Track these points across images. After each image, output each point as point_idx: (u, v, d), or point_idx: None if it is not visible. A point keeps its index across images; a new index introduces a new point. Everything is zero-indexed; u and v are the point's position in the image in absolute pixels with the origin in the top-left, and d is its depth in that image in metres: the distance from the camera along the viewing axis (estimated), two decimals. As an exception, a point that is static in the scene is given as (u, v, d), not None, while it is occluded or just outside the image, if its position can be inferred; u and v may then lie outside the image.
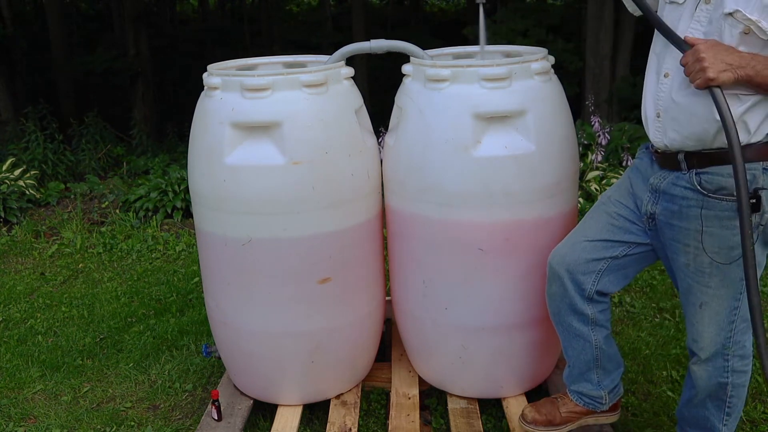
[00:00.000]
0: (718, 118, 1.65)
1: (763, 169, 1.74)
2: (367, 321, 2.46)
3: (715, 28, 1.69)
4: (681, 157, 1.81)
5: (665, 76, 1.80)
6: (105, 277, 4.08)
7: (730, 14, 1.64)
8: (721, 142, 1.72)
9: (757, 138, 1.73)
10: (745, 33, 1.64)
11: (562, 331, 2.14)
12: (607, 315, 2.11)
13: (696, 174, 1.79)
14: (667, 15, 1.82)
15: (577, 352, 2.14)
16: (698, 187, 1.79)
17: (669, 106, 1.79)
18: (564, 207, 2.27)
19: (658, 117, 1.83)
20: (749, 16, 1.62)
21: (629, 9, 2.00)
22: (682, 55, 1.68)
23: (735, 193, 1.70)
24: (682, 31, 1.74)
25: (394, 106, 2.35)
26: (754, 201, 1.71)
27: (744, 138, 1.70)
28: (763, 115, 1.72)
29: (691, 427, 2.07)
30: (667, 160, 1.86)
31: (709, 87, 1.61)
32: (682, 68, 1.67)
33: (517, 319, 2.31)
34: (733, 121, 1.59)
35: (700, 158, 1.78)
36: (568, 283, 2.04)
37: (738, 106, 1.69)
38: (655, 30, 1.83)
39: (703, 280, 1.85)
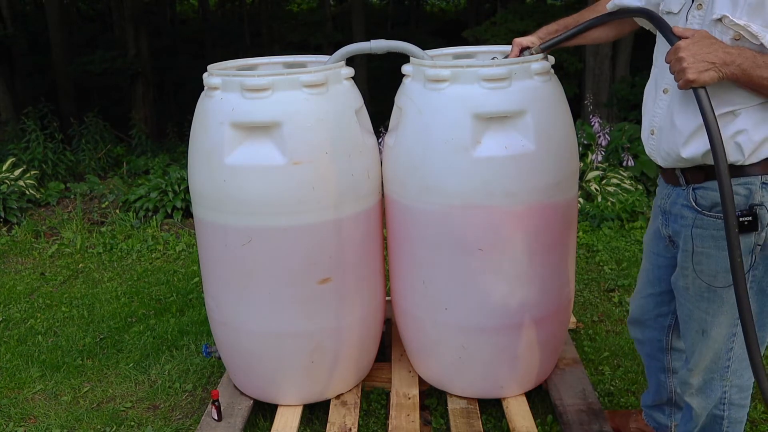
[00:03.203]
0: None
1: (762, 183, 1.61)
2: (367, 321, 2.46)
3: None
4: (678, 171, 1.74)
5: (664, 92, 1.72)
6: (105, 277, 4.09)
7: (719, 20, 1.55)
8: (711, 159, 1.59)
9: (751, 161, 1.60)
10: (736, 39, 1.54)
11: (646, 360, 2.21)
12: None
13: (693, 190, 1.71)
14: None
15: (655, 387, 2.21)
16: (693, 204, 1.70)
17: (663, 125, 1.72)
18: (564, 207, 2.27)
19: (652, 134, 1.77)
20: (737, 22, 1.52)
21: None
22: None
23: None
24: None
25: (394, 106, 2.35)
26: (750, 219, 1.59)
27: (737, 158, 1.59)
28: (761, 137, 1.59)
29: None
30: (668, 175, 1.80)
31: (691, 88, 1.49)
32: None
33: (517, 319, 2.31)
34: (717, 125, 1.46)
35: (695, 173, 1.70)
36: (646, 334, 2.12)
37: (730, 126, 1.58)
38: (657, 40, 1.78)
39: (702, 305, 1.74)
